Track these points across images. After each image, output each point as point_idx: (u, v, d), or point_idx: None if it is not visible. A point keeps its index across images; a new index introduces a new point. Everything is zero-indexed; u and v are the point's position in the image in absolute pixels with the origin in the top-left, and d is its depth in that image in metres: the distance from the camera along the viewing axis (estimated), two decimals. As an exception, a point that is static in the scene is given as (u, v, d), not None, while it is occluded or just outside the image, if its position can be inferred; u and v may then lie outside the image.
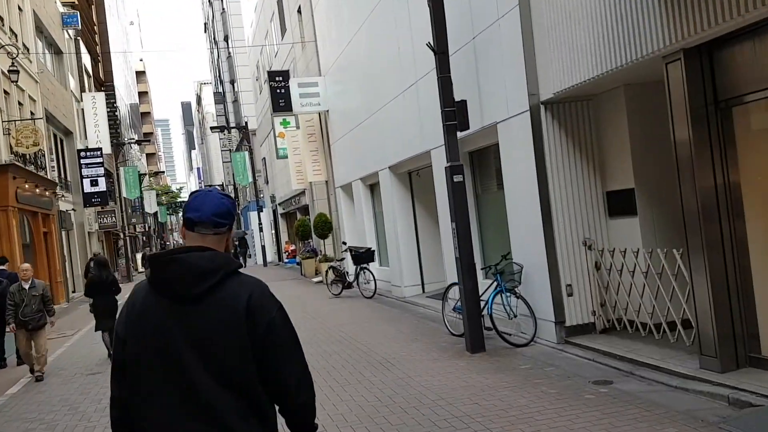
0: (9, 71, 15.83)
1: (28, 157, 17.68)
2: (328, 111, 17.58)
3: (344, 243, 14.19)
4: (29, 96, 18.97)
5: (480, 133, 8.75)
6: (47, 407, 7.10)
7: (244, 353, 1.82)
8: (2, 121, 15.66)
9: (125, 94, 64.66)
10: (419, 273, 12.91)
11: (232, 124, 42.17)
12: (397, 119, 12.08)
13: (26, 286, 8.67)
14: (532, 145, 7.40)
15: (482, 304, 7.75)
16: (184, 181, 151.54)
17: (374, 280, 13.37)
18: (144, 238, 51.30)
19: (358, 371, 7.06)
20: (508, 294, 7.75)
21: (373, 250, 13.73)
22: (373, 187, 15.17)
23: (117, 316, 8.67)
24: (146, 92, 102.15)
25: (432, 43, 7.65)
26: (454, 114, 7.63)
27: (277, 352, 1.86)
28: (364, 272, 13.62)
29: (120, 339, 1.89)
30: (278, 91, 22.17)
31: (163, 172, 72.75)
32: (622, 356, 6.38)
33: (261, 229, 31.66)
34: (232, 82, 48.49)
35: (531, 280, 7.72)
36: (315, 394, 1.97)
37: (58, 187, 22.74)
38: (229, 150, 45.89)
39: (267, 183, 34.01)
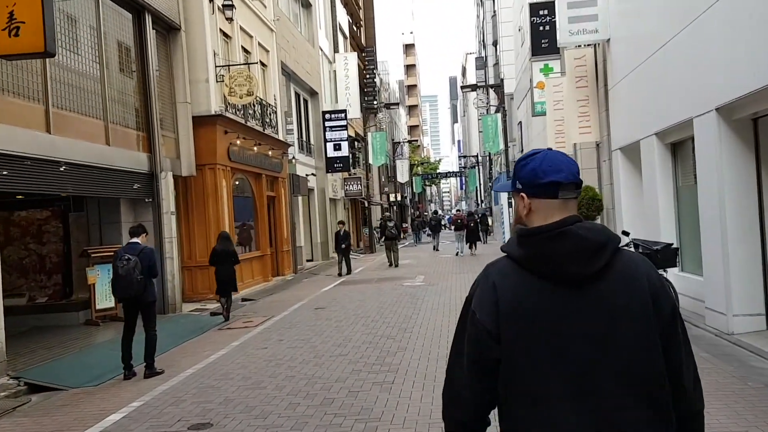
0: (224, 6, 13.80)
1: (253, 111, 15.84)
2: (608, 41, 12.34)
3: (625, 233, 9.14)
4: (259, 44, 17.17)
5: None
6: None
7: (653, 344, 1.53)
8: (216, 66, 13.74)
9: (392, 66, 65.22)
10: (763, 295, 7.36)
11: (490, 92, 38.05)
12: (735, 25, 6.71)
13: None
14: None
15: None
16: (447, 155, 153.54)
17: (674, 294, 8.15)
18: (395, 207, 50.54)
19: None
20: None
21: (676, 248, 8.43)
22: (677, 147, 9.74)
23: (233, 283, 11.37)
24: (413, 65, 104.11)
25: None
26: None
27: (679, 343, 1.58)
28: (657, 282, 8.46)
29: (487, 333, 1.55)
30: (541, 28, 17.40)
31: (415, 140, 71.95)
32: None
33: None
34: (495, 43, 44.79)
35: None
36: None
37: (296, 149, 21.22)
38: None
39: (522, 151, 29.37)
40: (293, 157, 20.08)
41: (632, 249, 8.88)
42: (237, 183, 15.78)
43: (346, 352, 7.72)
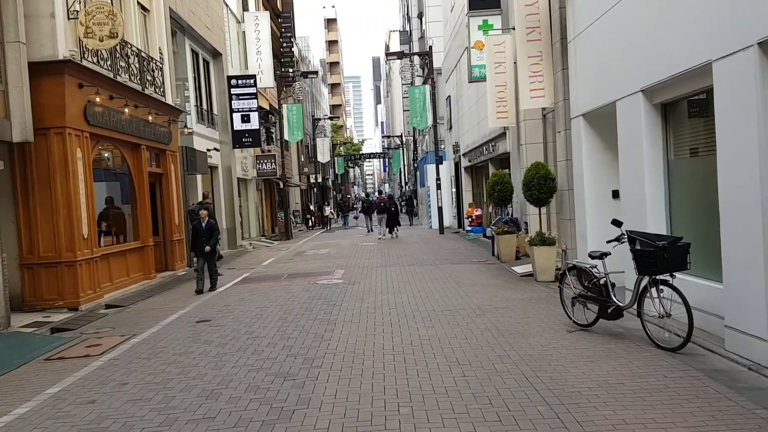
0: None
1: (127, 64, 12.51)
2: (568, -19, 9.94)
3: (617, 224, 6.81)
4: (138, -18, 13.76)
5: None
6: None
7: None
8: (66, -1, 10.36)
9: (314, 43, 61.47)
10: (825, 313, 5.15)
11: (416, 63, 35.42)
12: None
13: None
14: None
15: None
16: (370, 137, 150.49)
17: (687, 309, 5.84)
18: (315, 190, 47.48)
19: None
20: None
21: (687, 244, 6.11)
22: (669, 109, 7.45)
23: None
24: (336, 41, 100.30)
25: None
26: None
27: None
28: (659, 289, 6.12)
29: None
30: (479, -22, 14.92)
31: (337, 118, 68.66)
32: None
33: (439, 187, 24.88)
34: (420, 16, 42.33)
35: None
36: None
37: (192, 118, 17.89)
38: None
39: (450, 129, 27.09)
40: (185, 126, 16.75)
41: (626, 244, 6.51)
42: (105, 155, 12.45)
43: (215, 413, 4.92)
